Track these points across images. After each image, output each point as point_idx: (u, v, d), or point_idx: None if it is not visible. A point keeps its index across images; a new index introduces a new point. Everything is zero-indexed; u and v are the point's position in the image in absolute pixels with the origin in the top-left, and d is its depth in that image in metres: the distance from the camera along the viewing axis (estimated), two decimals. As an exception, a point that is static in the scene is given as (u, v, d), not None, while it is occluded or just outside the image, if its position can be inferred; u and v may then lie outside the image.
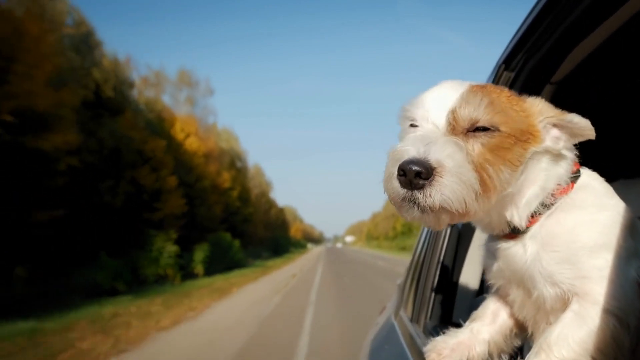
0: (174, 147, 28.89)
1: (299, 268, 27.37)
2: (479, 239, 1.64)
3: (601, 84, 1.60)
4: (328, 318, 9.32)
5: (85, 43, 23.51)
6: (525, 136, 0.91)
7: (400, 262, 32.25)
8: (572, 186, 0.96)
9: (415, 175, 0.81)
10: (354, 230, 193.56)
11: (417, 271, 2.11)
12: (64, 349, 6.19)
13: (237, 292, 14.17)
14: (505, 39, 1.61)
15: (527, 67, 1.50)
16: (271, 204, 71.57)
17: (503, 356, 1.06)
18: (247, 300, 12.14)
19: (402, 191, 0.84)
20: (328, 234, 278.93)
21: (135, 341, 6.85)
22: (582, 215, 0.93)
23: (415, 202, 0.83)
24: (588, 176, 1.00)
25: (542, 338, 0.90)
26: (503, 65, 1.58)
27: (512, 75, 1.56)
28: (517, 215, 0.94)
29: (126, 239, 20.09)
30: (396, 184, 0.84)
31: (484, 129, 0.89)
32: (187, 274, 19.72)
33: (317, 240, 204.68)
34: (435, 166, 0.81)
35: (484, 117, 0.88)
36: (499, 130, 0.89)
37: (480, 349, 1.08)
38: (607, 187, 0.99)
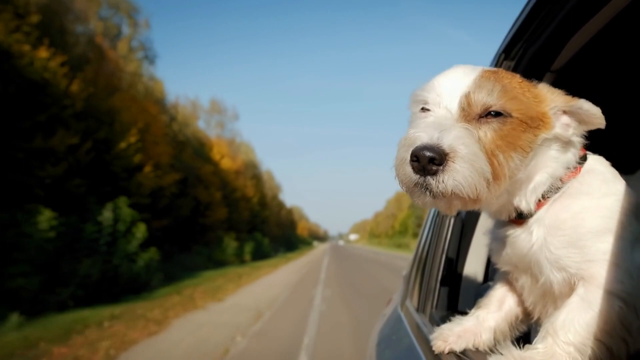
0: (213, 167, 40.62)
1: (310, 259, 39.25)
2: (483, 228, 1.71)
3: (601, 71, 1.62)
4: (331, 272, 21.20)
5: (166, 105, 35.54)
6: (536, 122, 0.94)
7: (385, 254, 44.78)
8: (579, 170, 1.00)
9: (428, 161, 0.83)
10: (357, 228, 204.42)
11: (422, 261, 2.16)
12: (240, 276, 18.09)
13: (282, 267, 26.23)
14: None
15: (527, 55, 1.53)
16: (281, 205, 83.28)
17: (509, 342, 1.05)
18: (289, 270, 24.15)
19: (415, 177, 0.86)
20: (333, 231, 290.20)
21: (259, 277, 18.78)
22: (588, 200, 0.95)
23: (427, 188, 0.86)
24: (594, 160, 1.03)
25: (549, 323, 0.93)
26: (503, 55, 1.61)
27: (512, 64, 1.59)
28: (524, 202, 0.98)
29: (197, 237, 32.01)
30: (409, 169, 0.86)
31: (496, 115, 0.91)
32: (241, 260, 31.58)
33: (322, 238, 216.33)
34: (448, 152, 0.84)
35: (496, 103, 0.91)
36: (511, 116, 0.91)
37: (486, 336, 1.12)
38: (613, 171, 1.02)
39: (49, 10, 20.01)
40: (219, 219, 35.90)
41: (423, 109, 0.96)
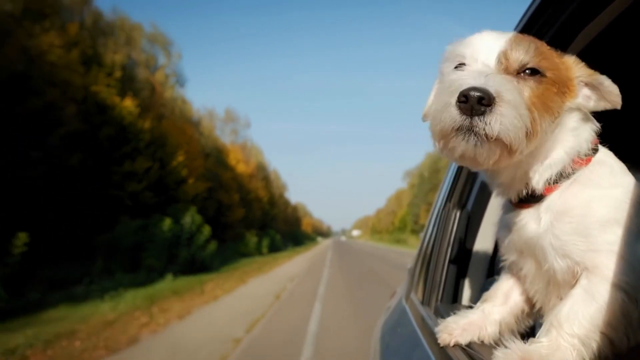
0: (232, 172, 47.91)
1: (316, 252, 46.90)
2: (489, 222, 1.78)
3: (615, 60, 1.63)
4: (336, 258, 28.78)
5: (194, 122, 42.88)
6: (564, 87, 0.99)
7: (383, 248, 52.47)
8: (590, 160, 1.03)
9: (477, 100, 0.85)
10: (360, 224, 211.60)
11: (427, 255, 2.22)
12: (268, 262, 25.66)
13: (295, 258, 33.95)
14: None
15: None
16: (287, 203, 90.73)
17: (514, 336, 1.07)
18: (302, 259, 31.84)
19: (461, 118, 0.87)
20: (336, 227, 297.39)
21: (281, 264, 26.41)
22: (597, 190, 0.99)
23: (472, 131, 0.87)
24: (604, 153, 1.06)
25: (552, 315, 0.96)
26: None
27: None
28: (538, 175, 1.02)
29: (220, 234, 39.59)
30: (455, 111, 0.87)
31: (532, 73, 0.95)
32: (260, 253, 39.17)
33: (326, 234, 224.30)
34: (495, 95, 0.86)
35: (533, 61, 0.95)
36: (544, 76, 0.96)
37: (491, 329, 1.15)
38: (622, 165, 1.05)
39: (124, 65, 27.59)
40: (237, 218, 43.41)
41: (458, 66, 0.99)
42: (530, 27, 1.44)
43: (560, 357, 0.90)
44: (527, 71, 0.95)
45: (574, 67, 1.03)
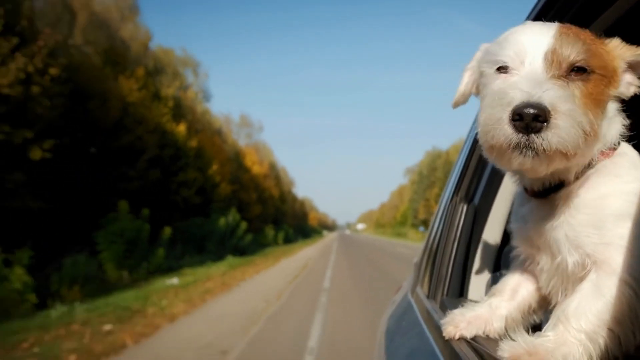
0: (249, 174, 55.70)
1: (324, 244, 55.04)
2: (496, 216, 1.83)
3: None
4: (341, 248, 36.81)
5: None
6: (611, 79, 0.97)
7: (383, 240, 60.45)
8: (614, 152, 1.03)
9: (532, 118, 0.84)
10: (365, 218, 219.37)
11: (434, 249, 2.25)
12: (288, 250, 33.65)
13: (307, 248, 42.13)
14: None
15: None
16: (295, 199, 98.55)
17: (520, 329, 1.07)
18: (313, 249, 40.06)
19: (516, 137, 0.86)
20: (341, 221, 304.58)
21: (298, 251, 34.57)
22: (615, 183, 0.99)
23: (530, 147, 0.87)
24: (625, 145, 1.06)
25: (560, 310, 0.96)
26: None
27: None
28: (572, 165, 0.98)
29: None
30: (508, 129, 0.86)
31: (578, 71, 0.93)
32: (276, 244, 47.21)
33: (331, 227, 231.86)
34: (550, 109, 0.84)
35: (581, 59, 0.92)
36: (593, 72, 0.93)
37: (497, 324, 1.16)
38: None
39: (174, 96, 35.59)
40: (255, 215, 51.39)
41: (500, 69, 0.97)
42: (550, 7, 1.43)
43: (566, 352, 0.91)
44: (574, 69, 0.93)
45: (619, 53, 0.99)
